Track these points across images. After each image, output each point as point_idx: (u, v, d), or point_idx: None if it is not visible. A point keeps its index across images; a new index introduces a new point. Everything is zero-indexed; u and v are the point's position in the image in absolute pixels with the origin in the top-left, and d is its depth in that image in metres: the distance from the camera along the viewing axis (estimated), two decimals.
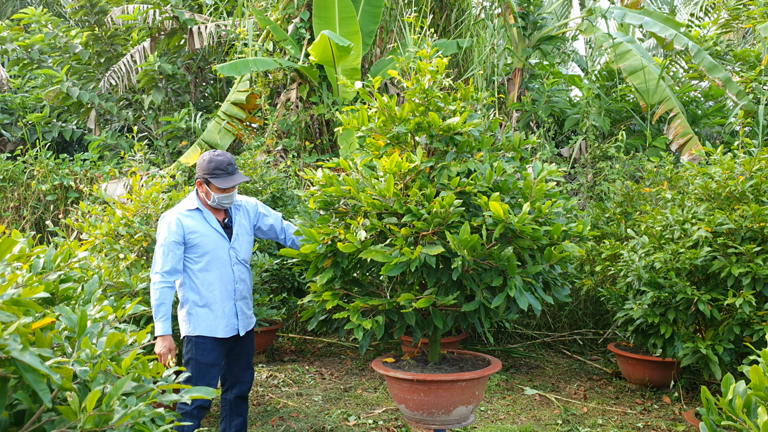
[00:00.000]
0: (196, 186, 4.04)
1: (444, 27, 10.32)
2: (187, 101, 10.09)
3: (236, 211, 4.14)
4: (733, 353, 3.97)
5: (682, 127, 8.44)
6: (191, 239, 3.89)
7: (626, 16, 9.49)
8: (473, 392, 4.08)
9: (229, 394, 4.23)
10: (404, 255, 3.58)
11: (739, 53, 11.05)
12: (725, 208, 4.28)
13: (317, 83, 8.63)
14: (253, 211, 4.25)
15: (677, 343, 4.07)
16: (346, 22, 8.48)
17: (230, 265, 4.00)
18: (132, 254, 4.76)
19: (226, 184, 3.86)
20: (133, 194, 5.09)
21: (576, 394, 6.08)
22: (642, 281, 4.29)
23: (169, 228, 3.87)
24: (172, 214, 3.94)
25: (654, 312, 4.18)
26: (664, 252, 4.20)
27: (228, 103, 9.01)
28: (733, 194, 4.18)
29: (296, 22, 8.86)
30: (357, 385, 6.24)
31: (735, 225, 3.99)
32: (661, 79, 8.62)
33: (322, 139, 8.78)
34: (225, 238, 4.00)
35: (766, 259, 3.86)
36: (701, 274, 4.19)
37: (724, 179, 4.24)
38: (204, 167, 3.90)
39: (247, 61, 7.97)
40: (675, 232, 4.35)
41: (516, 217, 3.45)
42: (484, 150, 4.00)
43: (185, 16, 9.76)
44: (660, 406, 5.73)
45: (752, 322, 3.87)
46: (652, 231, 4.38)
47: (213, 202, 3.93)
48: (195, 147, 8.94)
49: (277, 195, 6.88)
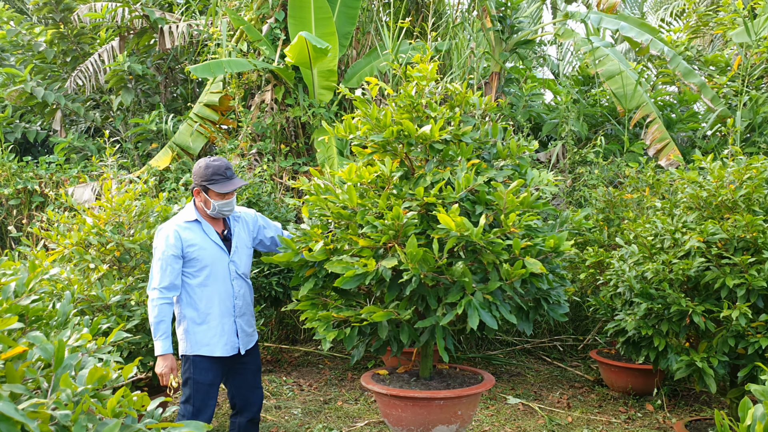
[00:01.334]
0: (193, 196, 3.87)
1: (421, 30, 10.21)
2: (157, 102, 9.82)
3: (235, 222, 3.98)
4: (727, 365, 3.91)
5: (659, 133, 8.44)
6: (189, 252, 3.72)
7: (603, 20, 9.48)
8: (454, 412, 3.95)
9: (240, 418, 4.02)
10: (362, 267, 3.49)
11: (710, 58, 11.14)
12: (716, 217, 4.22)
13: (293, 85, 8.44)
14: (252, 223, 4.08)
15: (671, 356, 3.99)
16: (322, 23, 8.31)
17: (230, 280, 3.84)
18: (104, 265, 4.53)
19: (225, 188, 3.71)
20: (104, 201, 4.86)
21: (559, 402, 6.00)
22: (633, 292, 4.20)
23: (167, 241, 3.69)
24: (170, 226, 3.76)
25: (647, 324, 4.09)
26: (656, 262, 4.11)
27: (200, 105, 8.77)
28: (724, 203, 4.11)
29: (271, 23, 8.66)
30: (337, 396, 6.08)
31: (728, 235, 3.93)
32: (638, 84, 8.61)
33: (298, 142, 8.60)
34: (224, 251, 3.84)
35: (760, 270, 3.80)
36: (693, 285, 4.12)
37: (714, 188, 4.18)
38: (201, 174, 3.74)
39: (221, 62, 7.75)
40: (665, 242, 4.28)
41: (474, 229, 3.34)
42: (463, 158, 3.87)
43: (156, 15, 9.49)
44: (644, 415, 5.68)
45: (746, 334, 3.80)
46: (642, 240, 4.30)
47: (213, 211, 3.77)
48: (166, 150, 8.69)
49: (253, 200, 6.68)
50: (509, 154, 4.02)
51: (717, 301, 4.04)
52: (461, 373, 4.44)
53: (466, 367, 4.51)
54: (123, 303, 4.41)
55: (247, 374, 3.98)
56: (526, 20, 10.92)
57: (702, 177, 4.47)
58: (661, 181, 6.27)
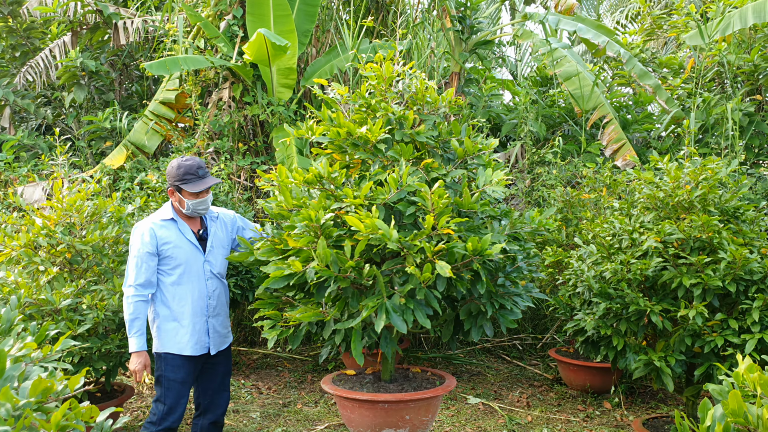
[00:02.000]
0: (169, 196, 3.89)
1: (380, 29, 10.17)
2: (112, 100, 9.57)
3: (212, 222, 3.97)
4: (684, 364, 3.96)
5: (616, 133, 8.56)
6: (164, 250, 3.73)
7: (560, 22, 9.57)
8: (401, 416, 3.91)
9: (202, 420, 4.00)
10: (289, 268, 3.50)
11: (664, 61, 11.35)
12: (672, 217, 4.27)
13: (251, 83, 8.32)
14: (230, 223, 4.08)
15: (629, 355, 4.02)
16: (282, 21, 8.21)
17: (204, 279, 3.83)
18: (54, 267, 4.38)
19: (198, 188, 3.72)
20: (55, 201, 4.69)
21: (519, 402, 6.03)
22: (593, 292, 4.23)
23: (143, 238, 3.71)
24: (146, 224, 3.78)
25: (606, 323, 4.12)
26: (614, 262, 4.15)
27: (156, 103, 8.58)
28: (680, 204, 4.17)
29: (229, 19, 8.52)
30: (296, 399, 6.00)
31: (684, 235, 3.98)
32: (595, 85, 8.72)
33: (256, 140, 8.47)
34: (199, 251, 3.84)
35: (716, 270, 3.86)
36: (651, 285, 4.16)
37: (671, 188, 4.23)
38: (173, 174, 3.77)
39: (178, 59, 7.59)
40: (623, 242, 4.32)
41: (390, 232, 3.33)
42: (403, 159, 3.83)
43: (109, 9, 9.25)
44: (602, 413, 5.74)
45: (703, 333, 3.86)
46: (601, 240, 4.33)
47: (188, 210, 3.78)
48: (120, 148, 8.48)
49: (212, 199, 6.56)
50: (466, 153, 3.99)
51: (674, 300, 4.09)
52: (424, 377, 4.40)
53: (436, 371, 4.46)
54: (74, 307, 4.27)
55: (216, 376, 3.98)
56: (485, 21, 10.97)
57: (658, 178, 4.53)
58: (617, 181, 6.35)
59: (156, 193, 6.55)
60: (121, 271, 4.62)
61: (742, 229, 4.09)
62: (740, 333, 3.74)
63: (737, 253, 3.73)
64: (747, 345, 3.63)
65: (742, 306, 3.76)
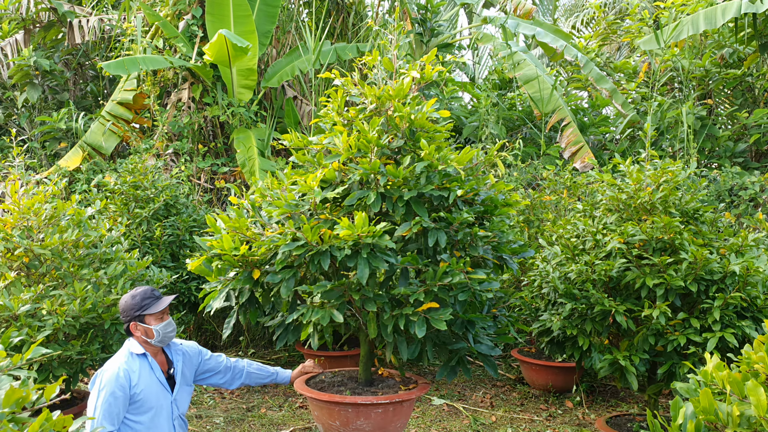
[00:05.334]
0: (131, 335, 3.55)
1: (341, 30, 10.16)
2: (66, 100, 9.34)
3: (177, 357, 3.68)
4: (647, 363, 4.04)
5: (574, 136, 8.71)
6: (136, 394, 3.41)
7: (519, 26, 9.70)
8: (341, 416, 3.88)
9: None
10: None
11: (618, 65, 11.59)
12: (634, 218, 4.36)
13: (211, 83, 8.22)
14: (195, 357, 3.80)
15: (594, 354, 4.09)
16: (242, 21, 8.13)
17: (171, 420, 3.55)
18: (11, 272, 4.24)
19: (160, 306, 3.49)
20: (11, 203, 4.55)
21: (483, 402, 6.07)
22: (558, 292, 4.29)
23: (117, 382, 3.36)
24: (116, 364, 3.42)
25: (571, 324, 4.18)
26: (579, 263, 4.21)
27: (113, 103, 8.41)
28: (642, 205, 4.25)
29: (188, 19, 8.40)
30: (260, 403, 5.94)
31: (647, 236, 4.06)
32: (554, 88, 8.86)
33: (216, 142, 8.37)
34: (168, 391, 3.56)
35: (678, 270, 3.95)
36: (614, 285, 4.24)
37: (633, 190, 4.32)
38: (131, 306, 3.50)
39: (136, 58, 7.45)
40: (587, 243, 4.39)
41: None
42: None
43: (64, 7, 9.03)
44: (564, 412, 5.82)
45: (665, 332, 3.94)
46: (566, 242, 4.40)
47: (157, 338, 3.49)
48: (76, 149, 8.28)
49: (171, 203, 6.45)
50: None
51: (637, 300, 4.17)
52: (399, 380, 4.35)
53: (415, 377, 4.40)
54: (33, 312, 4.14)
55: None
56: (445, 24, 11.06)
57: (620, 180, 4.62)
58: (578, 183, 6.45)
59: (114, 195, 6.41)
60: (81, 275, 4.50)
61: (701, 230, 4.21)
62: (702, 332, 3.84)
63: (698, 254, 3.83)
64: (708, 343, 3.72)
65: (703, 305, 3.86)
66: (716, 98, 10.34)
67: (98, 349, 4.31)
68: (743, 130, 9.45)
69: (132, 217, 6.26)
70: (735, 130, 9.49)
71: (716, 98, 10.34)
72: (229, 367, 3.90)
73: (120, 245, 4.94)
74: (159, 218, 6.38)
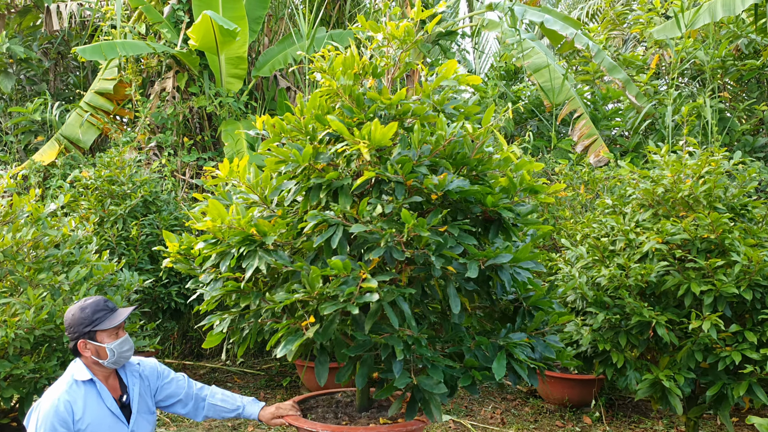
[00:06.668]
0: (78, 355, 2.93)
1: (338, 18, 9.60)
2: (43, 90, 8.76)
3: (133, 380, 3.08)
4: (692, 383, 3.47)
5: (588, 128, 8.15)
6: (81, 430, 2.80)
7: (527, 12, 9.15)
8: None
9: None
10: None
11: (628, 57, 11.07)
12: (672, 215, 3.79)
13: (197, 72, 7.64)
14: (154, 379, 3.18)
15: (630, 373, 3.51)
16: (231, 6, 7.56)
17: None
18: None
19: (116, 321, 2.88)
20: None
21: (492, 418, 5.52)
22: (587, 300, 3.71)
23: (57, 416, 2.76)
24: (54, 396, 2.82)
25: (604, 337, 3.60)
26: (613, 267, 3.63)
27: (92, 93, 7.83)
28: (682, 200, 3.69)
29: (173, 4, 7.83)
30: (247, 420, 5.37)
31: (689, 235, 3.50)
32: (565, 78, 8.30)
33: (203, 134, 7.79)
34: (122, 422, 2.95)
35: (728, 275, 3.38)
36: (652, 291, 3.67)
37: (671, 182, 3.75)
38: (79, 320, 2.87)
39: (114, 43, 6.87)
40: (617, 243, 3.82)
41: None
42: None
43: None
44: (582, 429, 5.27)
45: (715, 347, 3.37)
46: (594, 242, 3.83)
47: (111, 358, 2.88)
48: (53, 143, 7.70)
49: (150, 199, 5.88)
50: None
51: (676, 308, 3.61)
52: None
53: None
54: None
55: None
56: (448, 11, 10.50)
57: (654, 172, 4.05)
58: (597, 178, 5.89)
59: (89, 191, 5.84)
60: (38, 281, 3.94)
61: (751, 228, 3.63)
62: (759, 347, 3.27)
63: (753, 255, 3.26)
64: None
65: (762, 316, 3.29)
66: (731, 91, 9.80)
67: (56, 365, 3.72)
68: (760, 123, 8.92)
69: (107, 214, 5.69)
70: (753, 123, 8.95)
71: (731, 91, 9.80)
72: (191, 395, 3.22)
73: (87, 246, 4.38)
74: (136, 216, 5.80)
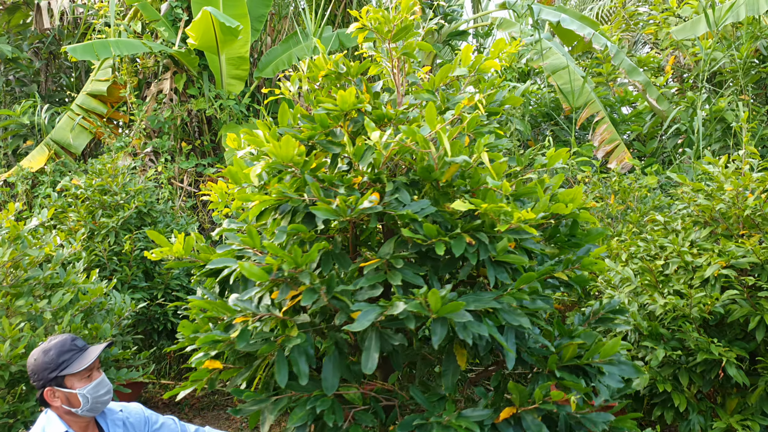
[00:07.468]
0: (47, 406, 2.47)
1: (343, 17, 9.16)
2: (33, 92, 8.31)
3: (116, 430, 2.61)
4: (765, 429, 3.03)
5: (609, 133, 7.71)
6: None
7: (542, 11, 8.73)
8: None
9: None
10: None
11: (642, 59, 10.67)
12: (733, 234, 3.35)
13: (196, 73, 7.19)
14: (141, 426, 2.69)
15: (693, 417, 3.05)
16: (232, 3, 7.12)
17: None
18: None
19: (86, 361, 2.42)
20: None
21: None
22: (641, 332, 3.25)
23: None
24: None
25: (663, 376, 3.14)
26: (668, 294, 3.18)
27: (84, 95, 7.38)
28: (748, 218, 3.24)
29: (171, 1, 7.38)
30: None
31: (757, 258, 3.05)
32: (585, 80, 7.86)
33: (202, 139, 7.34)
34: None
35: None
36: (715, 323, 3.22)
37: (732, 198, 3.31)
38: (43, 366, 2.42)
39: (108, 42, 6.43)
40: (670, 265, 3.37)
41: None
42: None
43: None
44: None
45: None
46: (645, 263, 3.37)
47: (85, 406, 2.41)
48: (42, 148, 7.26)
49: (144, 210, 5.42)
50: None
51: (741, 341, 3.17)
52: None
53: None
54: None
55: None
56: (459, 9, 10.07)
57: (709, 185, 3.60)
58: (629, 188, 5.44)
59: (78, 201, 5.39)
60: (16, 308, 3.49)
61: None
62: None
63: None
64: None
65: None
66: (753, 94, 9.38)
67: (34, 406, 3.28)
68: None
69: (97, 227, 5.24)
70: None
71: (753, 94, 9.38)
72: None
73: (75, 264, 3.94)
74: (130, 229, 5.35)
